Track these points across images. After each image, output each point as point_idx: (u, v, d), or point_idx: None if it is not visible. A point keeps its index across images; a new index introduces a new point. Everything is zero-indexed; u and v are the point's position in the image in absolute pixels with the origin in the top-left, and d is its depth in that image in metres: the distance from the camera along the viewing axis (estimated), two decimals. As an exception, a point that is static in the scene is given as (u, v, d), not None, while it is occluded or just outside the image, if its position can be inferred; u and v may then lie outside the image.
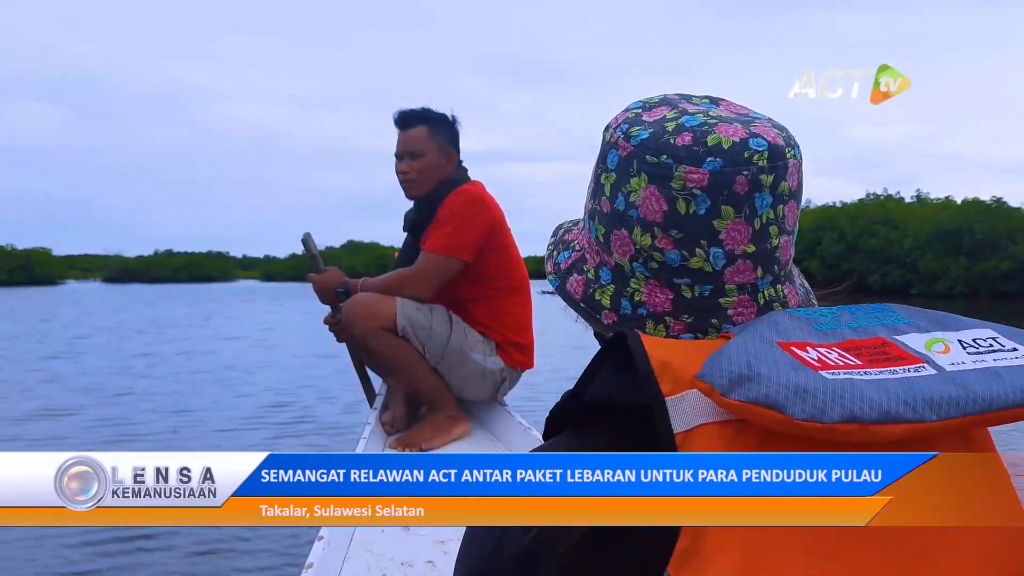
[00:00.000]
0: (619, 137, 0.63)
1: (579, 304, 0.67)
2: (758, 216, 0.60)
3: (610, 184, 0.63)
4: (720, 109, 0.64)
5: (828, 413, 0.46)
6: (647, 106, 0.64)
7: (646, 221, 0.61)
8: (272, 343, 9.65)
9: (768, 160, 0.59)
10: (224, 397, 5.80)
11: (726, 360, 0.50)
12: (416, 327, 2.29)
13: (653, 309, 0.63)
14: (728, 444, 0.50)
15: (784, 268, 0.64)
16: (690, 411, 0.51)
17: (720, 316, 0.62)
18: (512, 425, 2.44)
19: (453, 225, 2.30)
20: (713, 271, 0.60)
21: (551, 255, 0.72)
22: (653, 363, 0.52)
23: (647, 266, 0.62)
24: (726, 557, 0.47)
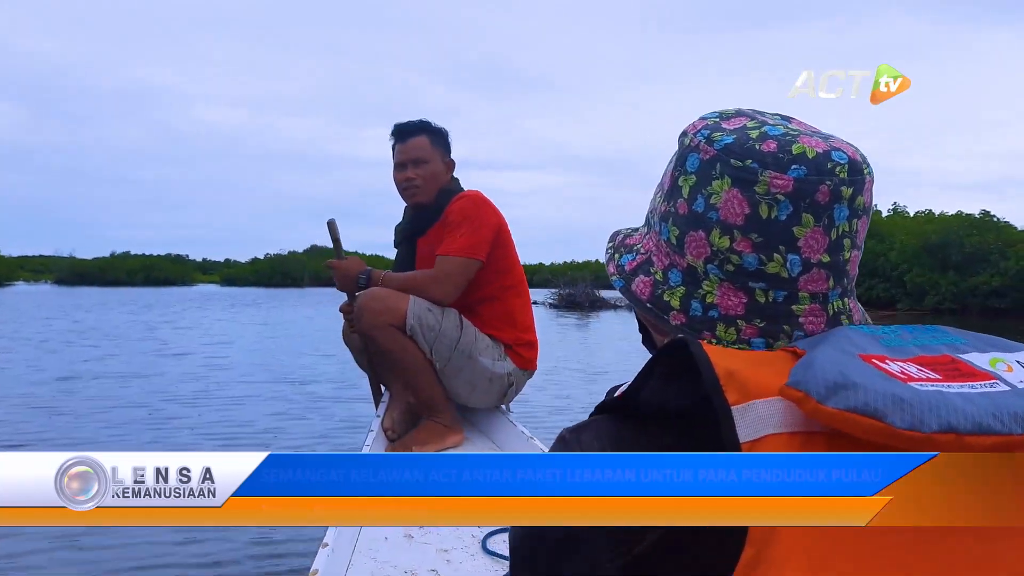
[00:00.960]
0: (700, 141, 0.65)
1: (646, 305, 0.69)
2: (835, 227, 0.62)
3: (689, 187, 0.66)
4: (795, 124, 0.67)
5: (927, 423, 0.47)
6: (724, 116, 0.67)
7: (726, 223, 0.63)
8: (224, 363, 8.21)
9: (848, 173, 0.62)
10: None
11: (819, 369, 0.51)
12: (424, 327, 2.36)
13: (725, 312, 0.65)
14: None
15: (852, 282, 0.67)
16: (758, 421, 0.51)
17: (792, 323, 0.64)
18: (513, 433, 2.50)
19: (466, 227, 2.41)
20: (789, 277, 0.63)
21: (612, 258, 0.75)
22: (718, 371, 0.53)
23: (722, 268, 0.64)
24: (792, 569, 0.48)
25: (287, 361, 8.65)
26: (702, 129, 0.67)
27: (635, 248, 0.74)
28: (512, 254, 2.61)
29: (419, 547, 1.70)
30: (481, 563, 1.63)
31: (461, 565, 1.62)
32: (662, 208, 0.70)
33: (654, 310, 0.69)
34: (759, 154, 0.62)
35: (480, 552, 1.68)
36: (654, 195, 0.73)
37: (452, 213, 2.48)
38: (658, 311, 0.68)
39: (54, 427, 4.62)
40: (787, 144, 0.62)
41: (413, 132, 2.57)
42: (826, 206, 0.62)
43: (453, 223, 2.46)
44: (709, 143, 0.65)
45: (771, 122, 0.66)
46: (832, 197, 0.61)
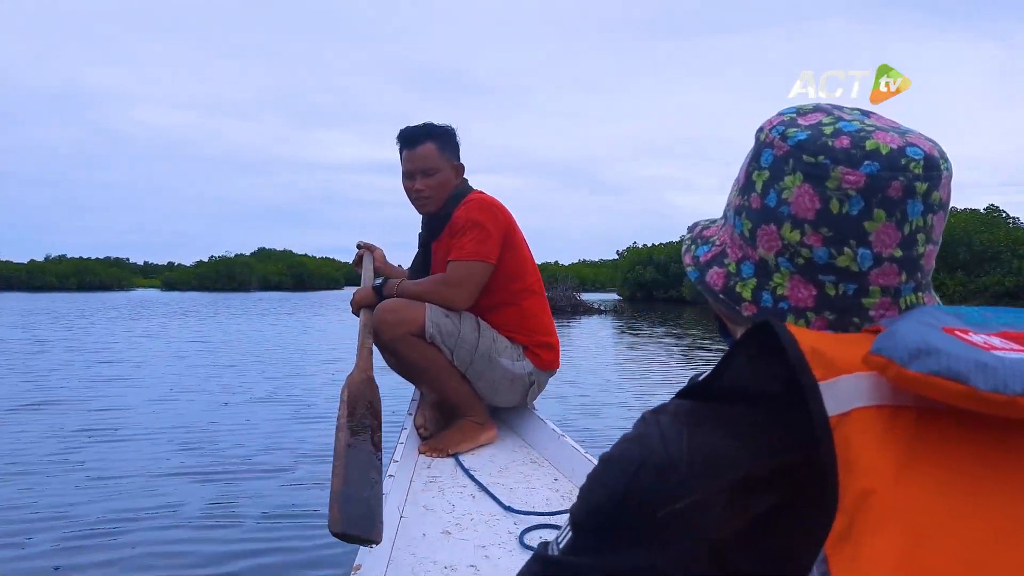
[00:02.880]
0: (775, 137, 0.72)
1: (719, 295, 0.76)
2: (908, 222, 0.67)
3: (762, 181, 0.72)
4: (873, 119, 0.72)
5: (1010, 385, 0.51)
6: (801, 111, 0.73)
7: (797, 218, 0.69)
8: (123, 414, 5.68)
9: (923, 169, 0.67)
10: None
11: (901, 337, 0.55)
12: (444, 333, 2.53)
13: (795, 304, 0.70)
14: (885, 427, 0.54)
15: (926, 277, 0.72)
16: (845, 395, 0.55)
17: (862, 316, 0.69)
18: (544, 431, 2.66)
19: (474, 232, 2.56)
20: (859, 271, 0.68)
21: (689, 249, 0.82)
22: (803, 349, 0.57)
23: (793, 261, 0.70)
24: (885, 537, 0.50)
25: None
26: (777, 125, 0.73)
27: (711, 240, 0.80)
28: (523, 255, 2.75)
29: (457, 543, 1.82)
30: (519, 559, 1.74)
31: (499, 561, 1.74)
32: (736, 202, 0.76)
33: (726, 301, 0.75)
34: (831, 150, 0.68)
35: (518, 547, 1.81)
36: (731, 189, 0.79)
37: (459, 218, 2.64)
38: (730, 302, 0.75)
39: None
40: (861, 140, 0.68)
41: (420, 139, 2.69)
42: (899, 201, 0.67)
43: (461, 228, 2.62)
44: (783, 139, 0.71)
45: (847, 117, 0.71)
46: (905, 192, 0.66)
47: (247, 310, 25.71)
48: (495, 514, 2.04)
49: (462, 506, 2.09)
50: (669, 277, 43.20)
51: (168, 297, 41.66)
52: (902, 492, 0.52)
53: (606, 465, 0.67)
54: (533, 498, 2.17)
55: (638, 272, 45.30)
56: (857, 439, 0.54)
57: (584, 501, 0.68)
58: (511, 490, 2.23)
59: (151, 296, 44.16)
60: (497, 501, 2.11)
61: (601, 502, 0.66)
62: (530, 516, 2.00)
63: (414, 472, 2.38)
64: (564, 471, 2.41)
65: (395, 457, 2.26)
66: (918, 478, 0.53)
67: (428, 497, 2.15)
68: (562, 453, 2.47)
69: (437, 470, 2.43)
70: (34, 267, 61.24)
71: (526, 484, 2.30)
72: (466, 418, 2.62)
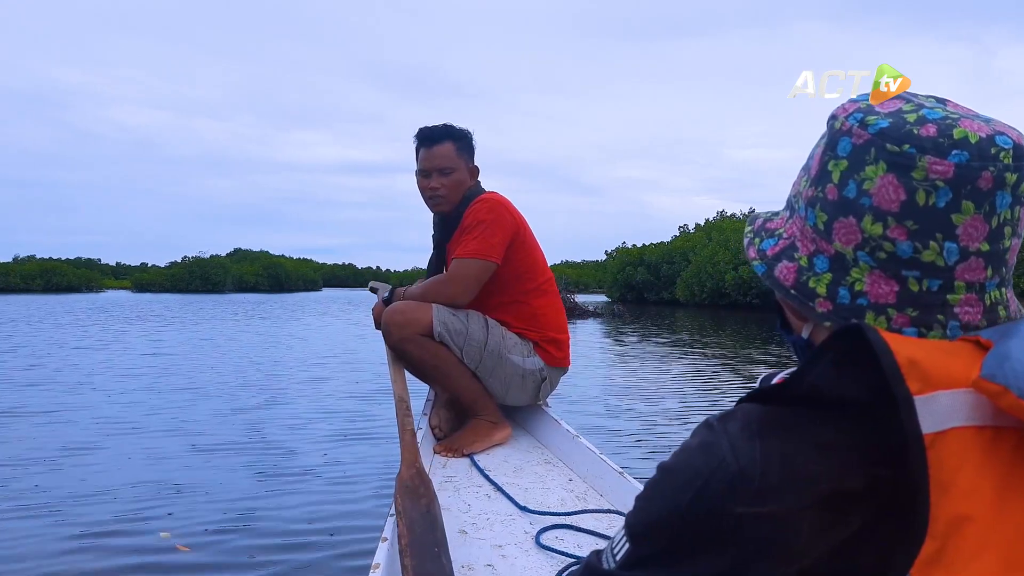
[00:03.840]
0: (853, 125, 0.69)
1: (790, 291, 0.73)
2: (996, 215, 0.65)
3: (840, 171, 0.70)
4: (951, 107, 0.70)
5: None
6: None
7: (880, 210, 0.67)
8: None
9: (1013, 159, 0.65)
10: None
11: (1017, 363, 0.53)
12: (453, 332, 2.62)
13: (875, 300, 0.68)
14: (985, 449, 0.54)
15: (1010, 272, 0.70)
16: (943, 412, 0.54)
17: (947, 313, 0.67)
18: (558, 431, 2.74)
19: (479, 230, 2.67)
20: (945, 266, 0.66)
21: (752, 242, 0.80)
22: (899, 359, 0.55)
23: (874, 256, 0.68)
24: (981, 566, 0.50)
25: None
26: (854, 112, 0.70)
27: (777, 233, 0.77)
28: (533, 256, 2.86)
29: (474, 543, 1.89)
30: (535, 558, 1.82)
31: (516, 560, 1.81)
32: (808, 193, 0.73)
33: (798, 296, 0.72)
34: (917, 138, 0.65)
35: (534, 547, 1.87)
36: (798, 179, 0.77)
37: (467, 217, 2.76)
38: (802, 298, 0.72)
39: None
40: (947, 128, 0.65)
41: (439, 138, 2.81)
42: (988, 193, 0.64)
43: (468, 227, 2.74)
44: (863, 127, 0.68)
45: (928, 105, 0.69)
46: (995, 183, 0.64)
47: (218, 313, 25.45)
48: (511, 514, 2.10)
49: (478, 506, 2.16)
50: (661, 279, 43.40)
51: (137, 299, 41.11)
52: (1001, 518, 0.51)
53: (667, 475, 0.65)
54: (548, 498, 2.24)
55: (629, 273, 45.50)
56: (954, 460, 0.53)
57: (643, 512, 0.66)
58: (526, 490, 2.30)
59: (119, 298, 43.57)
60: (513, 501, 2.18)
61: (662, 515, 0.63)
62: (546, 516, 2.07)
63: (430, 472, 2.44)
64: (579, 472, 2.49)
65: (411, 458, 2.31)
66: (1018, 504, 0.52)
67: (444, 497, 2.21)
68: (577, 454, 2.55)
69: (452, 470, 2.49)
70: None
71: (541, 484, 2.37)
72: (479, 417, 2.71)
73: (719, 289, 35.20)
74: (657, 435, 5.42)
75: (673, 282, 41.51)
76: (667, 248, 45.34)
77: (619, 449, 4.90)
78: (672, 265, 42.70)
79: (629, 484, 2.19)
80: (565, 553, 1.83)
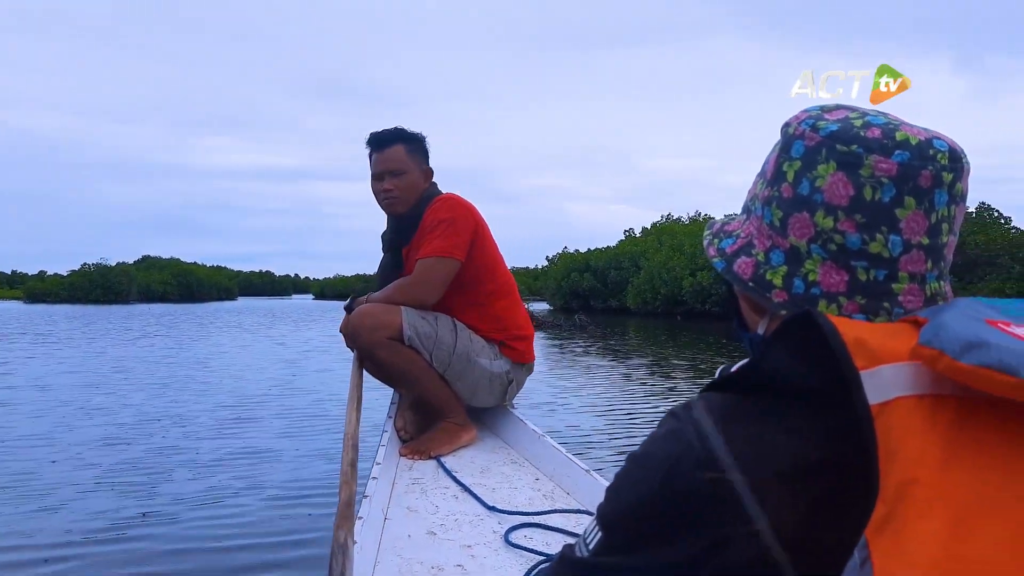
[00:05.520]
0: (806, 130, 0.82)
1: (747, 283, 0.85)
2: (935, 211, 0.77)
3: (794, 171, 0.82)
4: (891, 116, 0.82)
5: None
6: (826, 109, 0.84)
7: (831, 205, 0.78)
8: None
9: (948, 160, 0.77)
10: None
11: (950, 329, 0.61)
12: (422, 336, 2.80)
13: (827, 289, 0.79)
14: (927, 415, 0.60)
15: (947, 266, 0.82)
16: (887, 384, 0.61)
17: (892, 301, 0.78)
18: (524, 431, 2.92)
19: (442, 229, 2.84)
20: (890, 257, 0.77)
21: (712, 243, 0.93)
22: (845, 339, 0.63)
23: (826, 248, 0.79)
24: (929, 524, 0.56)
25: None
26: (806, 119, 0.83)
27: (735, 233, 0.90)
28: (492, 256, 3.05)
29: (443, 544, 2.03)
30: (505, 557, 1.96)
31: (486, 560, 1.94)
32: (764, 193, 0.85)
33: (756, 288, 0.84)
34: (864, 140, 0.77)
35: (503, 546, 2.02)
36: (754, 184, 0.90)
37: (427, 217, 2.94)
38: (760, 289, 0.84)
39: None
40: (891, 131, 0.77)
41: (390, 141, 3.01)
42: (927, 190, 0.76)
43: (429, 227, 2.92)
44: (814, 130, 0.81)
45: (872, 113, 0.81)
46: (934, 182, 0.76)
47: (106, 328, 22.73)
48: (479, 514, 2.26)
49: (446, 507, 2.31)
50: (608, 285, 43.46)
51: (27, 311, 38.89)
52: (945, 480, 0.57)
53: (637, 462, 0.73)
54: (516, 498, 2.41)
55: (574, 280, 45.53)
56: (899, 428, 0.59)
57: (614, 501, 0.74)
58: (493, 490, 2.46)
59: (6, 309, 41.11)
60: (480, 501, 2.34)
61: (633, 502, 0.71)
62: (514, 515, 2.23)
63: (396, 474, 2.58)
64: (545, 471, 2.66)
65: (377, 459, 2.47)
66: (960, 466, 0.58)
67: (412, 499, 2.36)
68: (543, 453, 2.73)
69: (419, 472, 2.64)
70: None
71: (508, 484, 2.54)
72: (446, 420, 2.88)
73: (675, 296, 34.87)
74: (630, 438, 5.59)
75: (622, 289, 41.55)
76: (614, 253, 45.42)
77: (586, 449, 5.09)
78: (621, 271, 42.65)
79: (596, 482, 2.36)
80: (534, 551, 1.98)
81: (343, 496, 1.77)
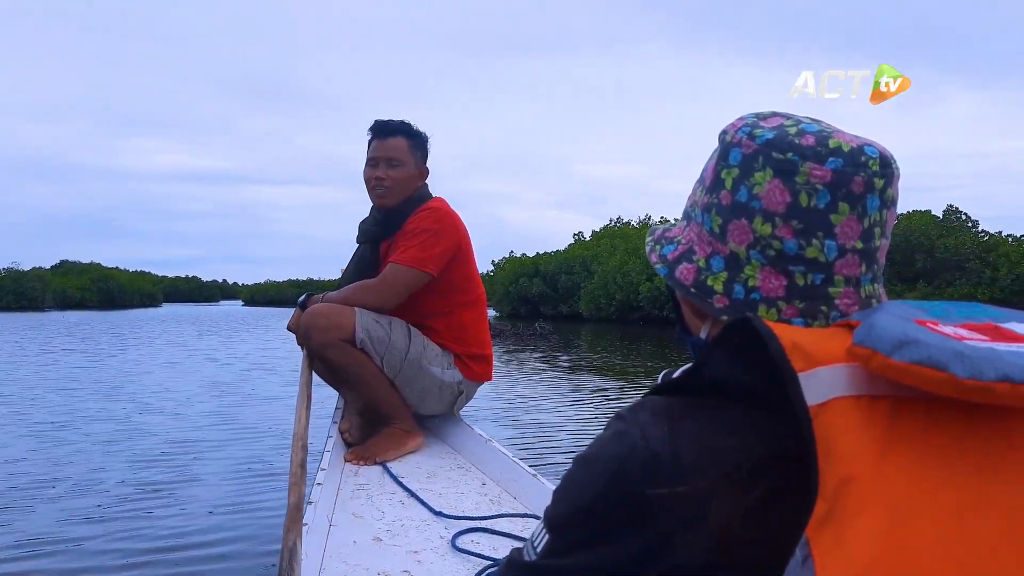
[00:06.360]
0: (742, 137, 0.86)
1: (689, 289, 0.89)
2: (868, 216, 0.82)
3: (732, 179, 0.86)
4: (824, 124, 0.87)
5: (986, 373, 0.61)
6: (761, 116, 0.89)
7: (768, 211, 0.82)
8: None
9: (879, 166, 0.82)
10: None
11: (882, 329, 0.66)
12: (375, 340, 2.87)
13: (766, 294, 0.83)
14: (863, 415, 0.65)
15: (880, 269, 0.87)
16: (824, 385, 0.65)
17: (829, 304, 0.83)
18: (471, 437, 3.03)
19: (422, 239, 2.92)
20: (826, 262, 0.82)
21: (654, 249, 0.97)
22: (783, 342, 0.67)
23: (764, 253, 0.83)
24: (867, 520, 0.60)
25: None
26: (742, 127, 0.87)
27: (676, 240, 0.94)
28: (470, 269, 3.14)
29: (389, 549, 2.11)
30: (452, 562, 2.05)
31: (433, 565, 2.02)
32: (704, 200, 0.89)
33: (698, 294, 0.88)
34: (799, 147, 0.81)
35: (450, 551, 2.10)
36: (693, 191, 0.94)
37: (412, 223, 3.01)
38: (702, 295, 0.87)
39: None
40: (824, 138, 0.82)
41: (393, 132, 3.08)
42: (860, 196, 0.81)
43: (410, 232, 2.99)
44: (751, 138, 0.85)
45: (805, 121, 0.86)
46: (866, 188, 0.81)
47: (4, 341, 19.67)
48: (425, 520, 2.34)
49: (392, 512, 2.39)
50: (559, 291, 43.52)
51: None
52: (882, 477, 0.62)
53: (583, 465, 0.78)
54: (463, 503, 2.50)
55: (523, 285, 45.54)
56: (837, 427, 0.63)
57: (561, 503, 0.79)
58: (440, 495, 2.55)
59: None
60: (427, 507, 2.42)
61: (580, 503, 0.76)
62: (461, 520, 2.32)
63: (341, 480, 2.65)
64: (492, 475, 2.77)
65: (322, 465, 2.53)
66: (896, 462, 0.63)
67: (357, 504, 2.43)
68: (489, 458, 2.83)
69: (364, 477, 2.71)
70: None
71: (455, 489, 2.63)
72: (393, 425, 2.96)
73: (630, 302, 34.86)
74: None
75: (573, 294, 41.63)
76: (564, 257, 45.50)
77: (535, 453, 5.16)
78: (572, 276, 42.73)
79: (543, 486, 2.47)
80: (482, 556, 2.07)
81: (292, 498, 1.86)
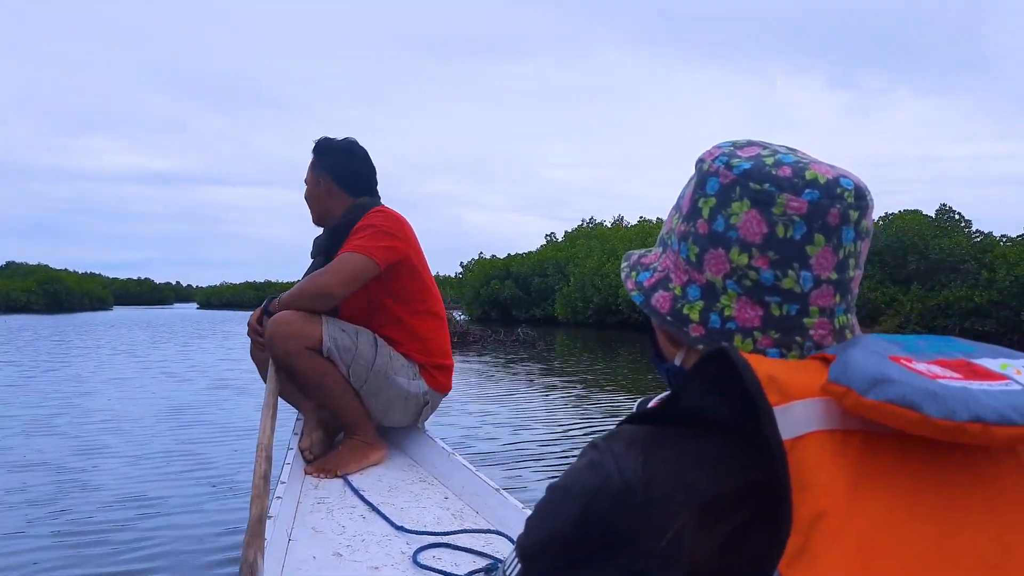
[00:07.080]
0: (720, 167, 0.89)
1: (665, 317, 0.91)
2: (843, 247, 0.85)
3: (709, 208, 0.88)
4: (800, 154, 0.90)
5: (958, 413, 0.64)
6: (737, 145, 0.91)
7: (745, 242, 0.85)
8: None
9: (855, 198, 0.84)
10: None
11: (857, 367, 0.68)
12: (341, 348, 2.95)
13: (742, 324, 0.86)
14: (836, 450, 0.67)
15: (854, 298, 0.90)
16: (799, 420, 0.68)
17: (803, 335, 0.86)
18: (434, 450, 3.09)
19: (368, 232, 3.02)
20: (801, 292, 0.85)
21: (630, 276, 0.99)
22: (759, 375, 0.69)
23: (740, 283, 0.86)
24: (840, 553, 0.62)
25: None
26: (719, 156, 0.90)
27: (652, 267, 0.96)
28: (424, 277, 3.23)
29: (349, 565, 2.15)
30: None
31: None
32: (681, 228, 0.92)
33: (674, 323, 0.90)
34: (776, 178, 0.84)
35: (412, 567, 2.16)
36: (669, 217, 0.97)
37: (361, 223, 3.11)
38: (678, 323, 0.90)
39: None
40: (801, 170, 0.85)
41: (313, 151, 3.28)
42: (836, 228, 0.84)
43: (356, 229, 3.09)
44: (728, 168, 0.87)
45: (781, 151, 0.89)
46: (841, 219, 0.84)
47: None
48: (387, 534, 2.40)
49: (352, 527, 2.44)
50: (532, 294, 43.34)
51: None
52: (854, 511, 0.64)
53: (556, 495, 0.81)
54: (425, 517, 2.56)
55: (494, 288, 45.36)
56: (810, 461, 0.66)
57: (534, 532, 0.82)
58: (402, 510, 2.61)
59: None
60: (388, 521, 2.48)
61: (553, 533, 0.80)
62: (423, 536, 2.38)
63: (301, 493, 2.70)
64: (454, 490, 2.83)
65: (282, 478, 2.57)
66: (868, 496, 0.65)
67: (317, 519, 2.48)
68: (452, 472, 2.90)
69: (325, 491, 2.76)
70: None
71: (417, 504, 2.69)
72: (355, 437, 3.03)
73: (608, 305, 34.31)
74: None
75: (546, 297, 41.44)
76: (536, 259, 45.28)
77: (499, 466, 5.16)
78: (545, 278, 42.49)
79: (506, 501, 2.53)
80: (444, 572, 2.12)
81: (254, 511, 1.91)
